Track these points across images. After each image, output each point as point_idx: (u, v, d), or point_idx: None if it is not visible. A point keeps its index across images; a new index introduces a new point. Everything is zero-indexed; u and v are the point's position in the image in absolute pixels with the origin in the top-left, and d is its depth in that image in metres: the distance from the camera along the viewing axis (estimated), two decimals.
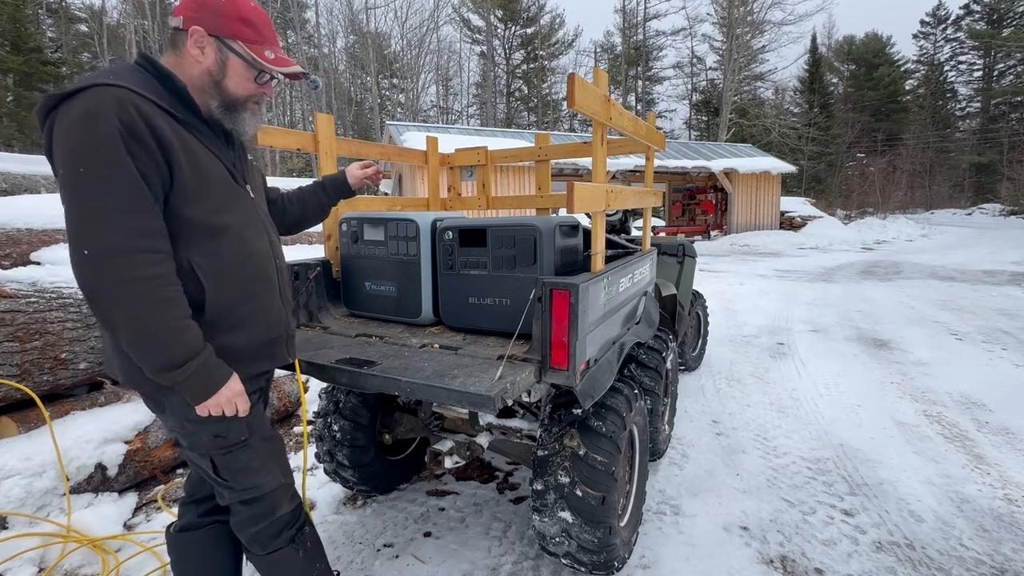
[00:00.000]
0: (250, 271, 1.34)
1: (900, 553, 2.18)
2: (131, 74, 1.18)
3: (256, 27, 1.28)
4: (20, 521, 2.19)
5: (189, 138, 1.21)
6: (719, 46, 34.55)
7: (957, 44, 39.73)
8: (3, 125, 18.96)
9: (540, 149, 3.09)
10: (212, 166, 1.26)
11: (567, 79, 1.53)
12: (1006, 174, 28.93)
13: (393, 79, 36.73)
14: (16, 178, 5.52)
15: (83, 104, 1.06)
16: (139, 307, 1.09)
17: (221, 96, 1.28)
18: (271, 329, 1.41)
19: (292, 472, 1.54)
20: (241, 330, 1.33)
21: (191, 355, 1.16)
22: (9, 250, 2.81)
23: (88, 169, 1.05)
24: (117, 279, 1.07)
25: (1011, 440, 3.16)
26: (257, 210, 1.41)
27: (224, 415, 1.27)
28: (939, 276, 9.59)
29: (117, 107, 1.07)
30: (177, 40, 1.25)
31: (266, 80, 1.34)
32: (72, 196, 1.06)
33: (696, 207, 21.18)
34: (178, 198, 1.18)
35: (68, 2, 29.34)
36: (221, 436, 1.33)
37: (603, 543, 1.81)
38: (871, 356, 4.92)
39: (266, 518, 1.44)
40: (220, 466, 1.36)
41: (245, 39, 1.27)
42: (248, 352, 1.36)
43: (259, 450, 1.40)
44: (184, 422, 1.31)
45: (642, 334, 2.38)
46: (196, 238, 1.22)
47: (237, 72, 1.28)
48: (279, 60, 1.32)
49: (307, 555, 1.51)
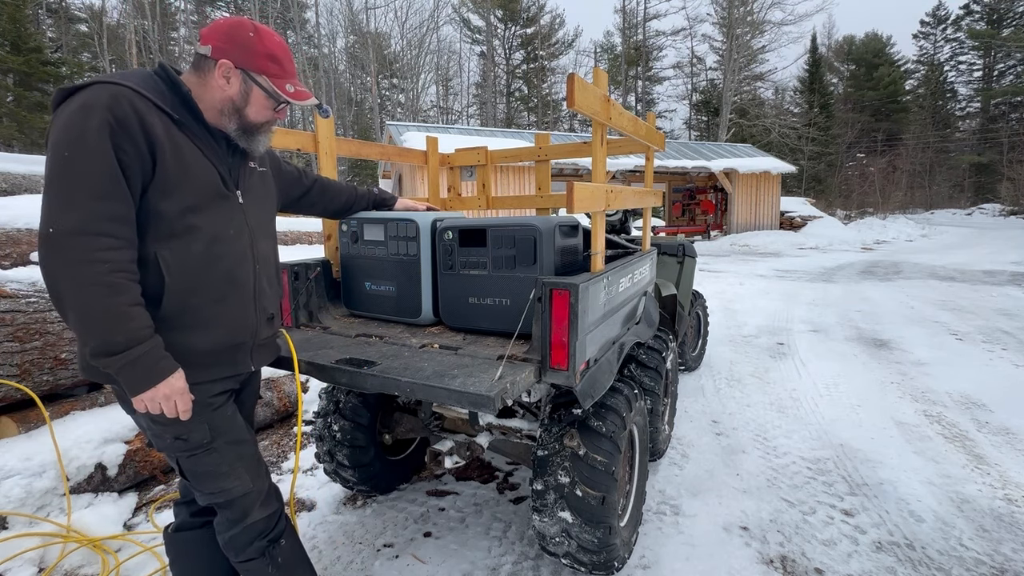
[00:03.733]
0: (219, 273, 1.34)
1: (900, 553, 2.18)
2: (139, 77, 1.24)
3: (280, 63, 1.36)
4: (20, 521, 2.19)
5: (181, 138, 1.26)
6: (719, 46, 34.56)
7: (957, 44, 39.69)
8: (3, 125, 18.94)
9: (540, 149, 3.09)
10: (200, 167, 1.30)
11: (567, 79, 1.53)
12: (1006, 174, 28.91)
13: (393, 79, 36.72)
14: (16, 178, 5.52)
15: (82, 98, 1.13)
16: (87, 288, 1.11)
17: (240, 121, 1.36)
18: (234, 334, 1.40)
19: (267, 478, 1.51)
20: (201, 331, 1.32)
21: (132, 343, 1.16)
22: (9, 250, 2.81)
23: (71, 154, 1.10)
24: (71, 258, 1.10)
25: (1011, 440, 3.16)
26: (244, 216, 1.42)
27: (162, 412, 1.24)
28: (939, 276, 9.59)
29: (112, 102, 1.13)
30: (203, 65, 1.32)
31: (282, 107, 1.42)
32: (51, 178, 1.11)
33: (696, 207, 21.17)
34: (156, 192, 1.22)
35: (68, 2, 29.34)
36: (182, 439, 1.33)
37: (603, 543, 1.81)
38: (871, 356, 4.92)
39: (237, 523, 1.44)
40: (185, 469, 1.38)
41: (270, 74, 1.35)
42: (206, 354, 1.34)
43: (225, 454, 1.39)
44: (149, 422, 1.31)
45: (642, 334, 2.38)
46: (166, 232, 1.25)
47: (258, 102, 1.36)
48: (298, 93, 1.40)
49: (278, 569, 1.49)
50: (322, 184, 2.01)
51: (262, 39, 1.33)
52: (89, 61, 28.10)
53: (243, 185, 1.44)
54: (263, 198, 1.54)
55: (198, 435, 1.34)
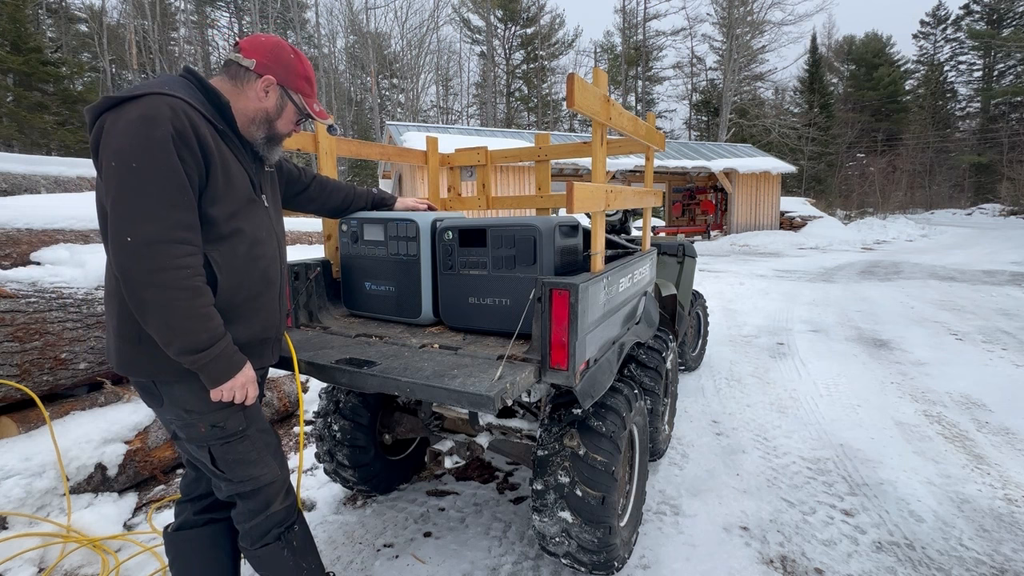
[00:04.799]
0: (258, 272, 1.45)
1: (900, 553, 2.18)
2: (181, 86, 1.32)
3: (312, 85, 1.52)
4: (20, 521, 2.19)
5: (225, 148, 1.36)
6: (719, 46, 34.54)
7: (957, 44, 39.68)
8: (3, 125, 18.92)
9: (540, 149, 3.09)
10: (239, 175, 1.40)
11: (567, 79, 1.53)
12: (1006, 174, 28.91)
13: (393, 79, 36.71)
14: (16, 178, 5.52)
15: (140, 109, 1.19)
16: (171, 292, 1.19)
17: (269, 131, 1.47)
18: (266, 329, 1.51)
19: (288, 467, 1.58)
20: (241, 325, 1.42)
21: (214, 340, 1.27)
22: (9, 250, 2.81)
23: (140, 165, 1.16)
24: (154, 266, 1.17)
25: (1011, 440, 3.16)
26: (270, 218, 1.53)
27: (234, 400, 1.37)
28: (939, 276, 9.59)
29: (171, 114, 1.20)
30: (242, 76, 1.41)
31: (300, 121, 1.55)
32: (122, 189, 1.17)
33: (696, 207, 21.17)
34: (207, 199, 1.31)
35: (68, 2, 29.32)
36: (219, 426, 1.39)
37: (603, 543, 1.81)
38: (871, 356, 4.92)
39: (260, 513, 1.50)
40: (218, 456, 1.42)
41: (304, 93, 1.49)
42: (242, 347, 1.41)
43: (256, 442, 1.46)
44: (183, 413, 1.38)
45: (642, 334, 2.38)
46: (215, 236, 1.34)
47: (288, 117, 1.49)
48: (321, 113, 1.55)
49: (294, 552, 1.55)
50: (320, 181, 2.05)
51: (301, 62, 1.47)
52: (89, 61, 28.09)
53: (265, 189, 1.54)
54: (276, 199, 1.64)
55: (235, 422, 1.41)
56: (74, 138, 20.47)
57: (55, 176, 6.02)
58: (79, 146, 20.45)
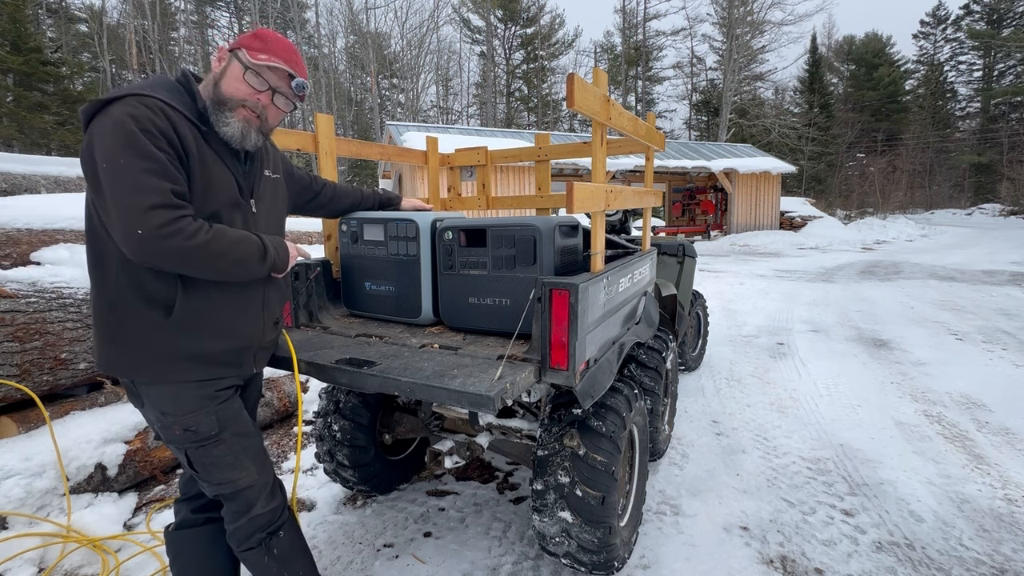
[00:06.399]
0: (233, 283, 1.41)
1: (900, 553, 2.18)
2: (165, 88, 1.32)
3: (265, 42, 1.39)
4: (20, 521, 2.19)
5: (206, 149, 1.34)
6: (719, 46, 34.53)
7: (957, 44, 39.67)
8: (3, 125, 18.91)
9: (540, 149, 3.09)
10: (221, 177, 1.37)
11: (567, 79, 1.53)
12: (1006, 174, 28.91)
13: (393, 79, 36.70)
14: (16, 178, 5.52)
15: (122, 108, 1.20)
16: (212, 249, 1.25)
17: (215, 95, 1.37)
18: (242, 341, 1.47)
19: (271, 471, 1.56)
20: (212, 338, 1.39)
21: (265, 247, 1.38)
22: (9, 250, 2.81)
23: (127, 159, 1.18)
24: (176, 245, 1.20)
25: (1011, 440, 3.16)
26: (256, 226, 1.48)
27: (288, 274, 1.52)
28: (939, 276, 9.59)
29: (151, 113, 1.22)
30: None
31: (265, 89, 1.39)
32: (115, 185, 1.18)
33: (696, 207, 21.17)
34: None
35: (68, 2, 29.31)
36: (191, 430, 1.38)
37: (603, 543, 1.81)
38: (871, 356, 4.92)
39: (242, 515, 1.48)
40: (193, 459, 1.42)
41: (249, 48, 1.38)
42: (214, 357, 1.40)
43: (232, 446, 1.44)
44: (159, 415, 1.37)
45: (642, 334, 2.38)
46: None
47: (233, 74, 1.37)
48: (268, 58, 1.38)
49: (275, 560, 1.52)
50: (331, 188, 2.06)
51: (262, 31, 1.41)
52: (89, 61, 28.08)
53: (257, 194, 1.50)
54: (275, 206, 1.61)
55: (206, 427, 1.39)
56: (74, 138, 20.46)
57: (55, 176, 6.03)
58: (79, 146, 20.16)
